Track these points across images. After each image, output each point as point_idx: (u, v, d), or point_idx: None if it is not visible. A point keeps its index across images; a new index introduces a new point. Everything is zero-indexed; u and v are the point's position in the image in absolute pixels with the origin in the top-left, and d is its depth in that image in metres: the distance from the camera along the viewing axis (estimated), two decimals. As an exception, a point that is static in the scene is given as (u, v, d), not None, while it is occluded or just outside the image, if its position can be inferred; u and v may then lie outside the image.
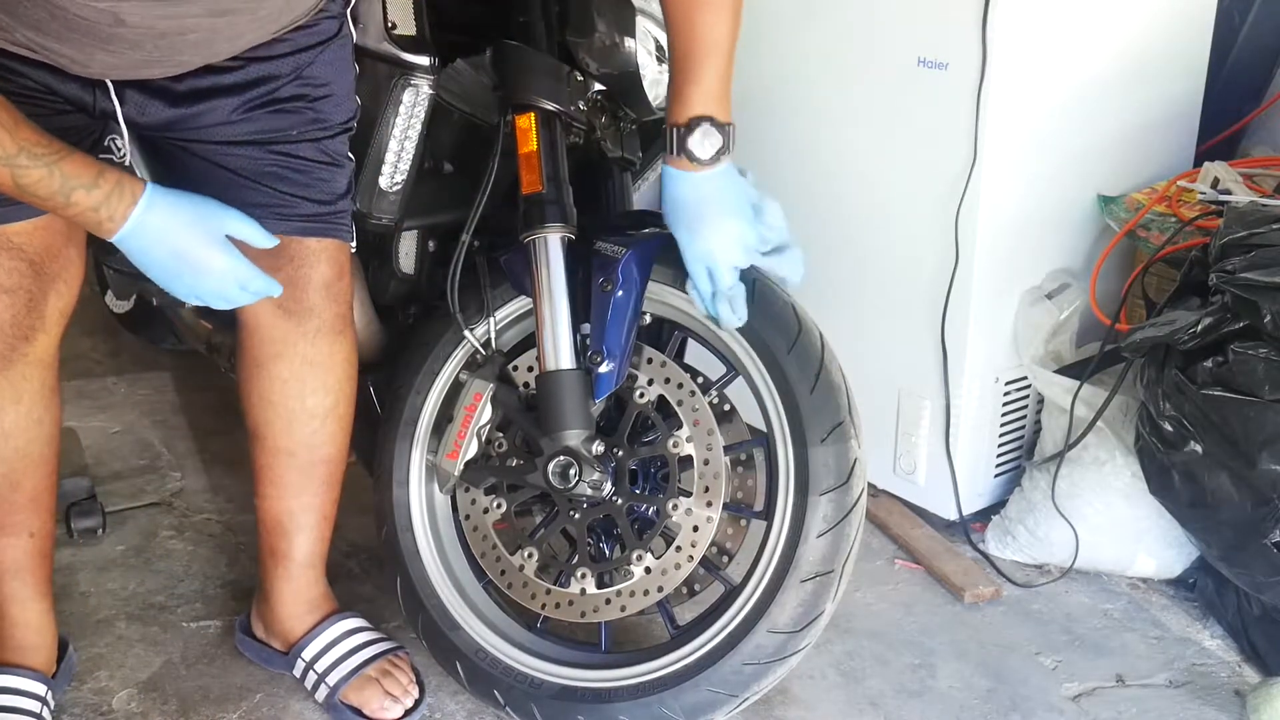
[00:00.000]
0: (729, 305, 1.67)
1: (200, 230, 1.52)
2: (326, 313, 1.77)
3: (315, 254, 1.73)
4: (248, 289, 1.58)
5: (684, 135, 1.62)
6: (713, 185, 1.65)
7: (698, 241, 1.66)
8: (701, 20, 1.61)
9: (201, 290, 1.55)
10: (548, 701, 1.78)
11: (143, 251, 1.50)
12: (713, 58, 1.62)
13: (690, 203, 1.65)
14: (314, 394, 1.79)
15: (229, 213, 1.55)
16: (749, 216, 1.67)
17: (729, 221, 1.65)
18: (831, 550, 1.67)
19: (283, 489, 1.84)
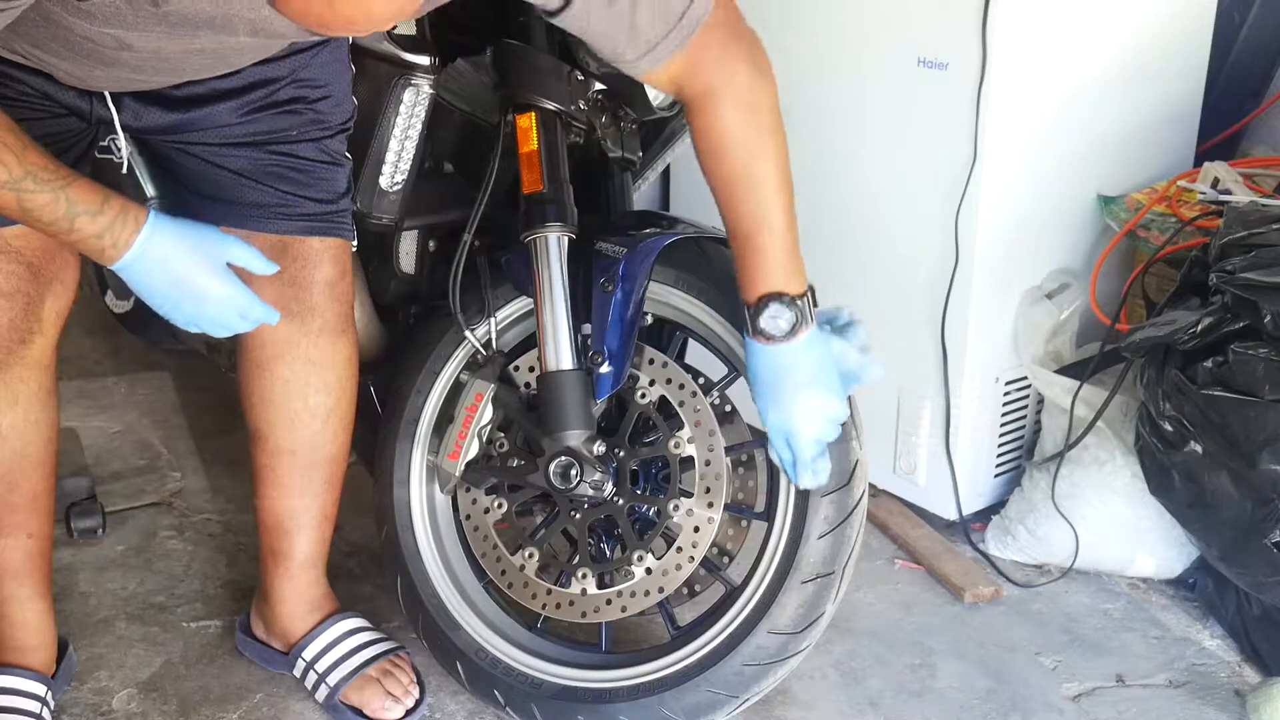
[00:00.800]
0: (810, 473, 1.63)
1: (201, 258, 1.51)
2: (329, 312, 1.77)
3: (318, 254, 1.73)
4: (247, 317, 1.57)
5: (754, 315, 1.58)
6: (792, 359, 1.60)
7: (777, 414, 1.61)
8: (747, 201, 1.57)
9: (201, 318, 1.54)
10: (548, 701, 1.78)
11: (144, 279, 1.50)
12: (768, 233, 1.57)
13: (771, 375, 1.61)
14: (316, 394, 1.79)
15: (230, 241, 1.55)
16: (833, 386, 1.61)
17: (812, 393, 1.60)
18: (832, 551, 1.67)
19: (284, 489, 1.84)
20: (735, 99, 1.55)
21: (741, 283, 1.61)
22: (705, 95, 1.54)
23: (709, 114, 1.55)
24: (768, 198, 1.57)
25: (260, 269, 1.57)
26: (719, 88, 1.53)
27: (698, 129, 1.57)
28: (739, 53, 1.55)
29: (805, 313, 1.59)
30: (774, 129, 1.58)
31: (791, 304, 1.58)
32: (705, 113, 1.55)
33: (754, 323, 1.59)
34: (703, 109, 1.55)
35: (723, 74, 1.53)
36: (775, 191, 1.58)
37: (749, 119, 1.56)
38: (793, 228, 1.59)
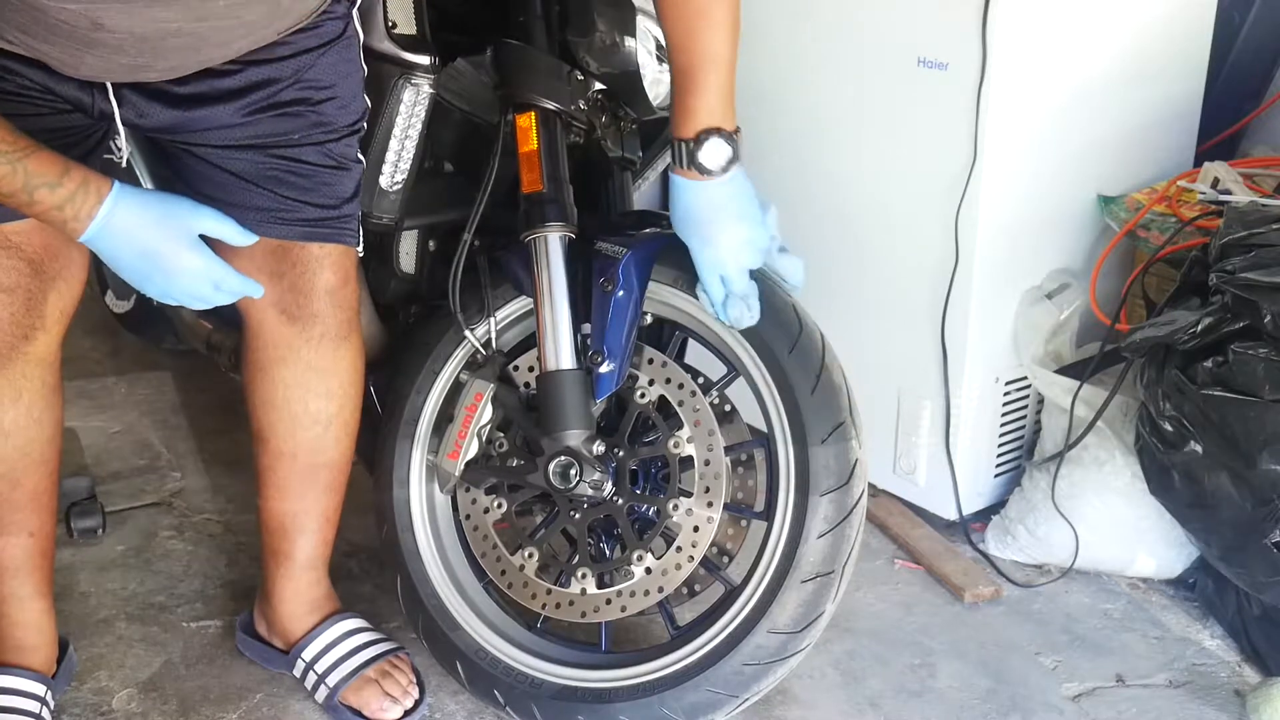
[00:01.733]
0: (743, 306, 1.67)
1: (170, 229, 1.50)
2: (331, 319, 1.76)
3: (319, 260, 1.72)
4: (222, 288, 1.56)
5: (693, 149, 1.61)
6: (724, 193, 1.64)
7: (710, 249, 1.66)
8: (701, 34, 1.60)
9: (174, 290, 1.53)
10: (548, 701, 1.78)
11: (111, 252, 1.49)
12: (715, 70, 1.61)
13: (702, 211, 1.65)
14: (317, 399, 1.79)
15: (201, 210, 1.53)
16: (759, 219, 1.67)
17: (741, 226, 1.65)
18: (832, 551, 1.67)
19: (285, 492, 1.84)
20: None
21: (678, 120, 1.63)
22: None
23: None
24: (718, 30, 1.60)
25: (237, 239, 1.56)
26: None
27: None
28: None
29: (738, 147, 1.63)
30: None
31: (729, 138, 1.61)
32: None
33: (692, 157, 1.61)
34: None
35: None
36: (726, 25, 1.60)
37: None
38: (734, 65, 1.62)
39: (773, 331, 1.71)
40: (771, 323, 1.71)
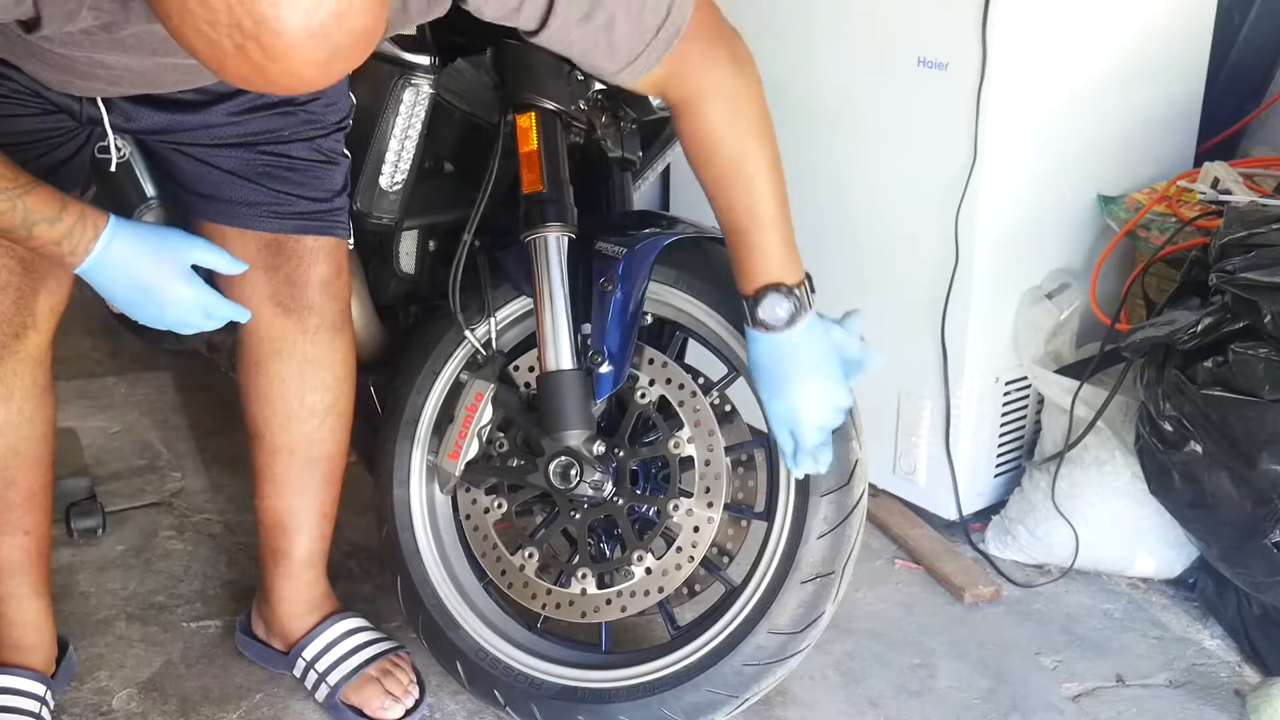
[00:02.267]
0: (811, 461, 1.63)
1: (163, 261, 1.52)
2: (326, 310, 1.77)
3: (313, 252, 1.74)
4: (214, 316, 1.58)
5: (753, 306, 1.59)
6: (791, 346, 1.60)
7: (779, 401, 1.62)
8: (739, 196, 1.58)
9: (166, 319, 1.56)
10: (548, 701, 1.78)
11: (107, 283, 1.51)
12: (764, 228, 1.59)
13: (770, 364, 1.62)
14: (313, 391, 1.79)
15: (194, 243, 1.55)
16: (835, 373, 1.62)
17: (812, 380, 1.61)
18: (832, 551, 1.67)
19: (282, 488, 1.84)
20: (720, 100, 1.55)
21: (738, 276, 1.62)
22: (691, 99, 1.55)
23: (695, 116, 1.56)
24: (760, 193, 1.58)
25: (227, 269, 1.58)
26: (704, 90, 1.54)
27: (685, 131, 1.58)
28: (721, 54, 1.55)
29: (804, 300, 1.60)
30: (761, 125, 1.58)
31: (789, 293, 1.59)
32: (691, 115, 1.56)
33: (753, 314, 1.60)
34: (689, 112, 1.56)
35: (707, 77, 1.54)
36: (767, 186, 1.58)
37: (735, 118, 1.56)
38: (786, 218, 1.60)
39: (773, 331, 1.71)
40: (772, 323, 1.71)
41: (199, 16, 1.06)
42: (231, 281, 1.74)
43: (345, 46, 1.10)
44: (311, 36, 1.08)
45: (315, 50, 1.09)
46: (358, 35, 1.11)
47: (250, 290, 1.73)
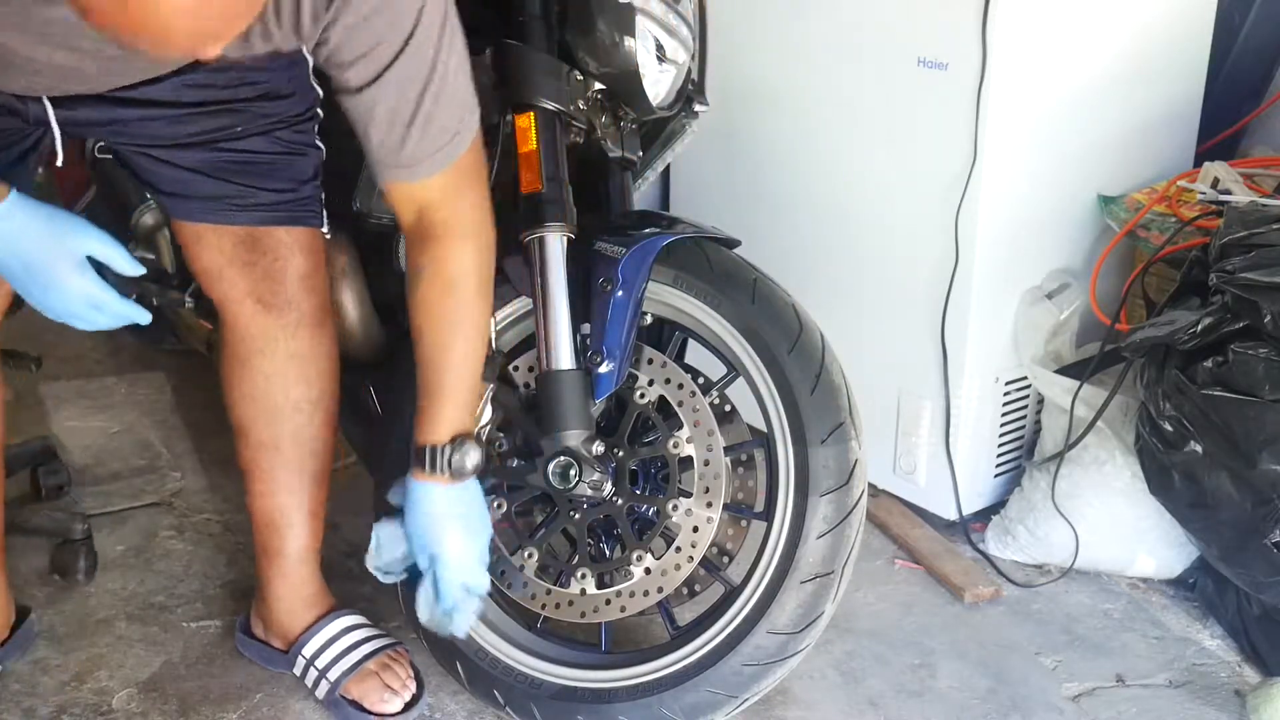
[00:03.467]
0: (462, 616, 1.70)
1: (54, 247, 1.49)
2: (306, 304, 1.77)
3: (289, 246, 1.74)
4: (105, 311, 1.54)
5: (450, 453, 1.64)
6: (467, 497, 1.68)
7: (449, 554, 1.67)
8: (456, 348, 1.64)
9: (51, 305, 1.53)
10: (547, 701, 1.78)
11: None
12: (472, 370, 1.66)
13: (443, 517, 1.67)
14: (297, 386, 1.80)
15: (90, 233, 1.52)
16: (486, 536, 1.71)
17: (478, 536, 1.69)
18: (831, 551, 1.67)
19: (271, 484, 1.85)
20: (477, 241, 1.62)
21: (428, 425, 1.65)
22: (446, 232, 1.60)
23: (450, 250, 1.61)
24: (476, 346, 1.66)
25: (124, 268, 1.54)
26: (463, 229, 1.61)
27: (433, 261, 1.61)
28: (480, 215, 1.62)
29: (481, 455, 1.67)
30: (491, 282, 1.66)
31: (478, 442, 1.66)
32: (446, 245, 1.61)
33: (448, 460, 1.64)
34: (440, 243, 1.60)
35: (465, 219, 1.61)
36: (482, 342, 1.66)
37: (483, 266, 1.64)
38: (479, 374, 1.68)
39: (773, 331, 1.71)
40: (771, 323, 1.72)
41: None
42: (211, 279, 1.75)
43: None
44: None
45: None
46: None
47: (228, 287, 1.74)
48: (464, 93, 1.55)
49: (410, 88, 1.48)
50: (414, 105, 1.49)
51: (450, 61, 1.50)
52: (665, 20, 1.83)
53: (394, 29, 1.44)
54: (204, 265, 1.75)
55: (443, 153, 1.54)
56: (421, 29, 1.45)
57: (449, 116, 1.53)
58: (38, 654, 1.96)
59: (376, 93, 1.48)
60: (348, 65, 1.47)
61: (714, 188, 2.55)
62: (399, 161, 1.54)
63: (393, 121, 1.50)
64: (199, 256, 1.74)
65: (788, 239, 2.39)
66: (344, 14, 1.42)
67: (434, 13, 1.46)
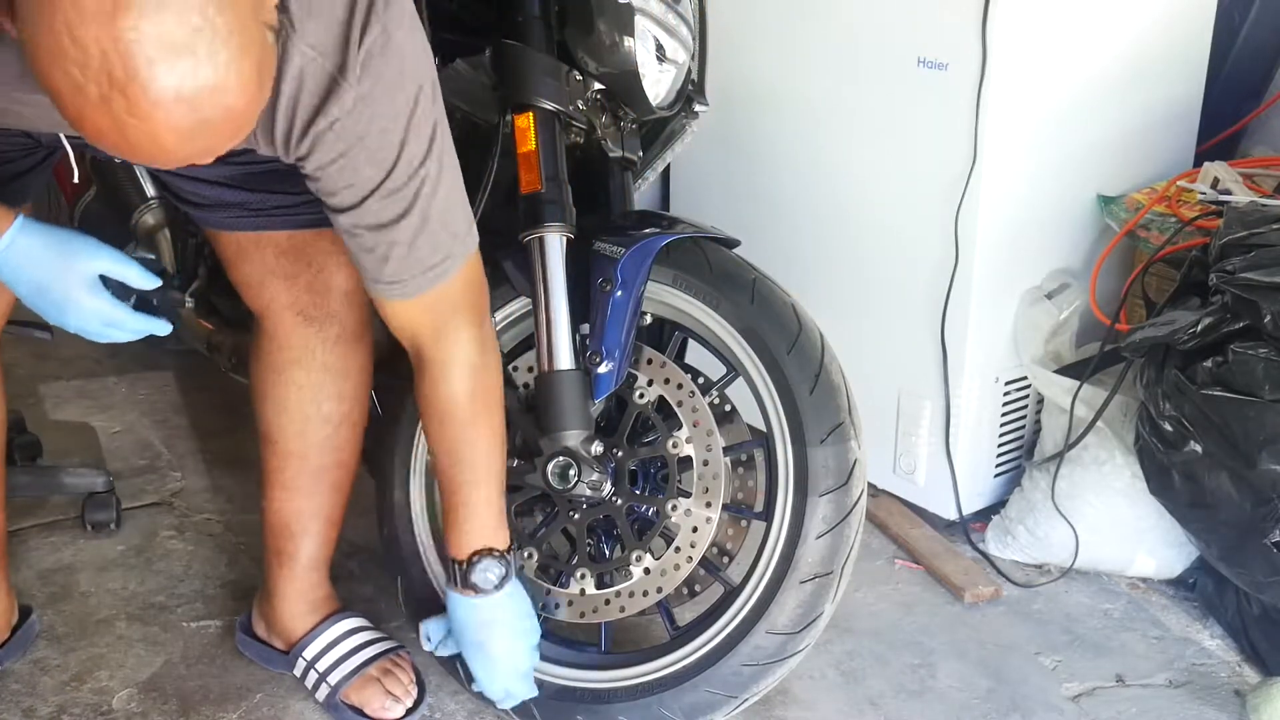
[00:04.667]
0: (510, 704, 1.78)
1: (65, 268, 1.49)
2: (348, 319, 1.76)
3: (335, 259, 1.72)
4: (120, 328, 1.54)
5: (466, 570, 1.67)
6: (499, 608, 1.71)
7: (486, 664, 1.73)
8: (465, 466, 1.66)
9: (66, 324, 1.53)
10: (547, 701, 1.78)
11: (9, 282, 1.50)
12: (484, 495, 1.67)
13: (478, 628, 1.71)
14: (330, 400, 1.79)
15: (102, 253, 1.52)
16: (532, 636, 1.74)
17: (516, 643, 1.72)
18: (831, 551, 1.67)
19: (292, 492, 1.84)
20: (463, 369, 1.62)
21: (449, 540, 1.70)
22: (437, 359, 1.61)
23: (437, 381, 1.62)
24: (486, 463, 1.67)
25: (137, 282, 1.54)
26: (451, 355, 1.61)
27: (425, 394, 1.64)
28: (475, 326, 1.62)
29: (512, 566, 1.70)
30: (495, 400, 1.67)
31: (502, 558, 1.68)
32: (434, 378, 1.62)
33: (464, 577, 1.67)
34: (431, 372, 1.62)
35: (456, 340, 1.61)
36: (496, 446, 1.67)
37: (473, 392, 1.64)
38: (502, 490, 1.70)
39: (772, 331, 1.71)
40: (771, 323, 1.72)
41: (69, 57, 1.04)
42: (252, 290, 1.74)
43: (212, 122, 1.10)
44: (180, 101, 1.07)
45: (181, 117, 1.08)
46: (226, 114, 1.10)
47: (270, 298, 1.73)
48: (455, 217, 1.53)
49: (393, 212, 1.46)
50: (397, 229, 1.47)
51: (439, 189, 1.48)
52: (665, 20, 1.83)
53: (374, 164, 1.42)
54: (245, 276, 1.75)
55: (431, 273, 1.53)
56: (404, 161, 1.43)
57: (437, 240, 1.51)
58: (38, 654, 1.96)
59: (358, 215, 1.46)
60: (328, 193, 1.46)
61: (714, 188, 2.55)
62: (382, 278, 1.53)
63: (376, 242, 1.49)
64: (240, 267, 1.74)
65: (788, 239, 2.39)
66: (317, 150, 1.40)
67: (418, 142, 1.44)
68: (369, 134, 1.39)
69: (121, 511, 2.28)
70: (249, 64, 1.10)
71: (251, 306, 1.77)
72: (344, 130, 1.38)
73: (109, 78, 1.04)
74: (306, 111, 1.36)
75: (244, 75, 1.10)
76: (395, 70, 1.39)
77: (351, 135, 1.39)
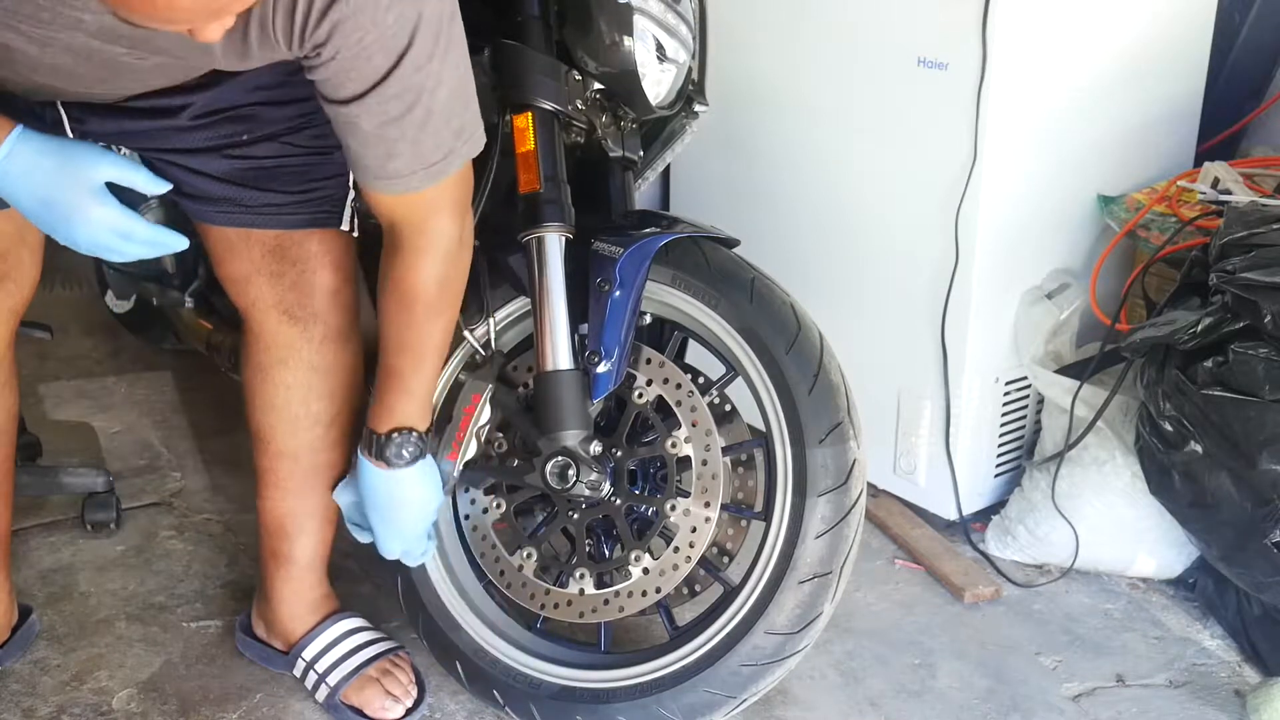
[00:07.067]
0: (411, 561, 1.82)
1: (68, 178, 1.46)
2: (332, 319, 1.76)
3: (319, 258, 1.72)
4: (132, 238, 1.51)
5: (384, 444, 1.70)
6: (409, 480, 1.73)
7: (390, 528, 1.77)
8: (413, 347, 1.67)
9: (78, 239, 1.49)
10: (547, 702, 1.78)
11: (12, 193, 1.47)
12: (423, 379, 1.70)
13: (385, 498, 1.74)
14: (318, 400, 1.79)
15: (104, 158, 1.49)
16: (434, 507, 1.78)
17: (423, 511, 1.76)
18: (830, 551, 1.67)
19: (284, 492, 1.84)
20: (439, 258, 1.62)
21: (374, 413, 1.71)
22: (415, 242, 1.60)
23: (411, 263, 1.61)
24: (434, 352, 1.69)
25: (144, 186, 1.52)
26: (430, 242, 1.61)
27: (394, 274, 1.63)
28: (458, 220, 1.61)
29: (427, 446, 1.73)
30: (457, 295, 1.68)
31: (420, 438, 1.71)
32: (408, 259, 1.61)
33: (382, 450, 1.70)
34: (407, 255, 1.61)
35: (439, 229, 1.60)
36: (440, 345, 1.69)
37: (443, 281, 1.64)
38: (438, 376, 1.74)
39: (771, 331, 1.71)
40: (769, 322, 1.71)
41: None
42: (238, 287, 1.74)
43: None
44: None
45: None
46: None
47: (255, 296, 1.73)
48: (460, 113, 1.51)
49: (400, 105, 1.44)
50: (403, 124, 1.45)
51: (446, 82, 1.46)
52: (664, 20, 1.83)
53: (385, 50, 1.40)
54: (231, 273, 1.74)
55: (433, 169, 1.51)
56: (415, 50, 1.41)
57: (443, 134, 1.49)
58: (38, 654, 1.96)
59: (362, 108, 1.44)
60: (334, 85, 1.43)
61: (714, 188, 2.55)
62: (384, 173, 1.51)
63: (381, 135, 1.46)
64: (227, 264, 1.74)
65: (788, 239, 2.39)
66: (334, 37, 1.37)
67: (429, 32, 1.41)
68: (385, 20, 1.37)
69: (121, 511, 2.29)
70: None
71: (237, 304, 1.76)
72: (361, 16, 1.36)
73: None
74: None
75: None
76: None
77: (368, 21, 1.37)
